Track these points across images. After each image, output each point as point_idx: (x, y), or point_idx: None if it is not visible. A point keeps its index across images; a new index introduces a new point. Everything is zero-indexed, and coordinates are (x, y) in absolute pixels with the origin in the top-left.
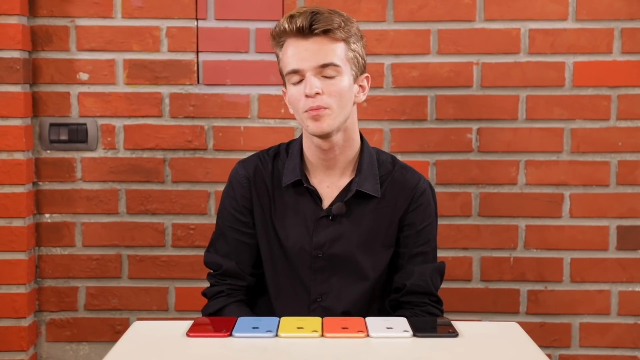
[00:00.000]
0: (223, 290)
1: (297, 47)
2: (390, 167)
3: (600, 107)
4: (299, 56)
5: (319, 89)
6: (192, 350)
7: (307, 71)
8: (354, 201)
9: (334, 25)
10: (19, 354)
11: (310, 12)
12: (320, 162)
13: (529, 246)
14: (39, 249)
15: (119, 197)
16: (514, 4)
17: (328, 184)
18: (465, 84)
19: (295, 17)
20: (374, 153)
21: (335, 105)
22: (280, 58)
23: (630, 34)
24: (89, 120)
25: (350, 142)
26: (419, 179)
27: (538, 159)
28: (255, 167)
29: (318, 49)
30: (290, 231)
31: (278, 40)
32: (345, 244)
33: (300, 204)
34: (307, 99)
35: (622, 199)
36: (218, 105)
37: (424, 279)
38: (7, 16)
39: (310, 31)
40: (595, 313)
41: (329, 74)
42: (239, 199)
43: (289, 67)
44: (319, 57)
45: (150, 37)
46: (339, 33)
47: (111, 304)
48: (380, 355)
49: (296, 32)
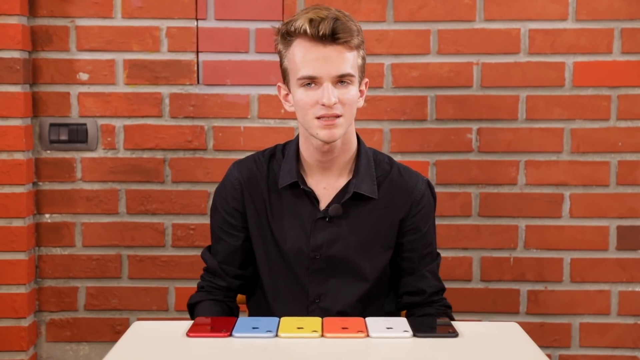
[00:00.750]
0: (204, 286)
1: (315, 53)
2: (388, 167)
3: (600, 107)
4: (316, 63)
5: (337, 98)
6: (192, 351)
7: (326, 80)
8: (351, 202)
9: (354, 34)
10: (19, 354)
11: (331, 18)
12: (317, 163)
13: (529, 246)
14: (39, 249)
15: (119, 197)
16: (514, 4)
17: (325, 186)
18: (465, 84)
19: (317, 22)
20: (370, 154)
21: (347, 113)
22: (288, 57)
23: (630, 34)
24: (89, 121)
25: (348, 144)
26: (417, 180)
27: (538, 159)
28: (249, 170)
29: (337, 58)
30: (288, 233)
31: (287, 38)
32: (342, 246)
33: (297, 206)
34: (322, 107)
35: (622, 199)
36: (218, 105)
37: (436, 277)
38: (7, 16)
39: (332, 39)
40: (595, 313)
41: (345, 83)
42: (229, 201)
43: (303, 72)
44: (339, 67)
45: (150, 37)
46: (356, 41)
47: (111, 304)
48: (380, 355)
49: (316, 37)
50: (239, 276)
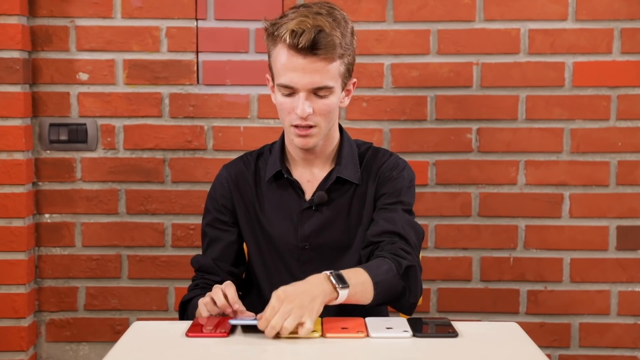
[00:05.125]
0: (198, 284)
1: (294, 62)
2: (365, 152)
3: (600, 107)
4: (293, 73)
5: (311, 110)
6: (191, 351)
7: (301, 91)
8: (335, 189)
9: (336, 47)
10: (19, 354)
11: (314, 29)
12: (300, 157)
13: (528, 246)
14: (38, 249)
15: (119, 197)
16: (513, 4)
17: (309, 178)
18: (465, 84)
19: (298, 33)
20: (354, 143)
21: (323, 123)
22: (272, 56)
23: (630, 34)
24: (88, 121)
25: (330, 139)
26: (389, 156)
27: (538, 159)
28: (237, 169)
29: (314, 70)
30: (276, 226)
31: (273, 38)
32: (330, 233)
33: (284, 198)
34: (296, 116)
35: (622, 199)
36: (218, 105)
37: (392, 223)
38: (7, 16)
39: (311, 52)
40: (595, 313)
41: (321, 94)
42: (218, 199)
43: (281, 80)
44: (315, 80)
45: (150, 37)
46: (338, 51)
47: (111, 304)
48: (380, 355)
49: (296, 48)
50: (232, 273)
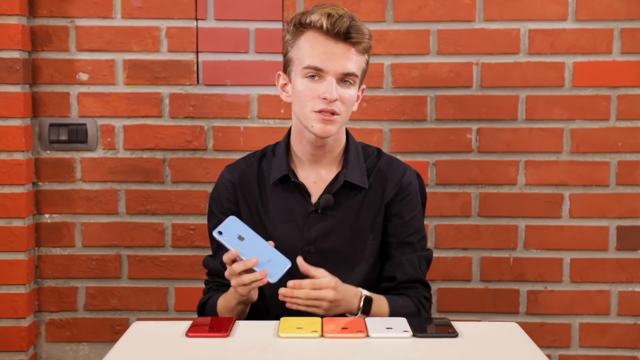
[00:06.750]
0: (211, 287)
1: (326, 46)
2: (376, 159)
3: (600, 107)
4: (325, 56)
5: (338, 95)
6: (191, 351)
7: (331, 75)
8: (342, 193)
9: (365, 37)
10: (19, 354)
11: (348, 17)
12: (309, 157)
13: (528, 246)
14: (38, 249)
15: (119, 198)
16: (513, 4)
17: (315, 180)
18: (465, 84)
19: (334, 17)
20: (359, 146)
21: (344, 113)
22: (295, 46)
23: (630, 34)
24: (88, 121)
25: (338, 141)
26: (404, 169)
27: (538, 159)
28: (240, 170)
29: (346, 57)
30: (281, 229)
31: (299, 28)
32: (336, 238)
33: (289, 201)
34: (322, 101)
35: (621, 199)
36: (218, 105)
37: (414, 267)
38: (7, 16)
39: (345, 38)
40: (595, 313)
41: (348, 80)
42: (223, 202)
43: (309, 62)
44: (346, 65)
45: (150, 37)
46: (365, 44)
47: (111, 304)
48: (380, 355)
49: (331, 32)
50: None
